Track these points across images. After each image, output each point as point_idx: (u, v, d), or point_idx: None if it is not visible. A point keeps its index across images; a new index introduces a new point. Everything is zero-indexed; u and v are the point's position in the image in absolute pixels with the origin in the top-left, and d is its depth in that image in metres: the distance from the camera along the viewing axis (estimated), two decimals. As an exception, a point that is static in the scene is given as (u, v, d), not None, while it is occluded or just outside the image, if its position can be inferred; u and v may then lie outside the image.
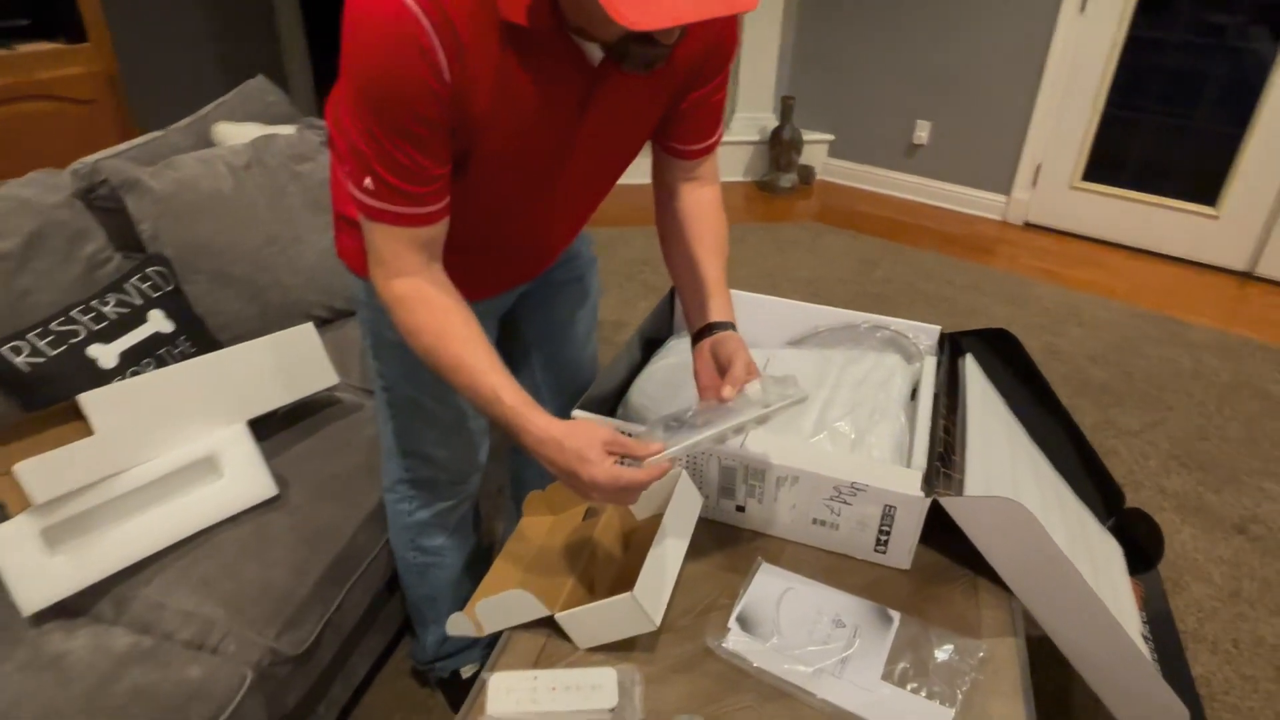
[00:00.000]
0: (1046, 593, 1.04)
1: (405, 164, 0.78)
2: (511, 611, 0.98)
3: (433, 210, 0.83)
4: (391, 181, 0.79)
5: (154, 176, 1.56)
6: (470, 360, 0.84)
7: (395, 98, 0.74)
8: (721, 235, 1.06)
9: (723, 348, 0.97)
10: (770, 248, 3.39)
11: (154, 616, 1.10)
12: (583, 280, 1.27)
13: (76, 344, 1.20)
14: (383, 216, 0.82)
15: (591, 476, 0.80)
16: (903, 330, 1.44)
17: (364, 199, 0.81)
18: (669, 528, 1.00)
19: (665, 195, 1.07)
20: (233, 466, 1.21)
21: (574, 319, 1.29)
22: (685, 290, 1.05)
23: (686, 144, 1.03)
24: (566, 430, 0.82)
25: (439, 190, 0.83)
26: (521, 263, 1.10)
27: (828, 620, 1.00)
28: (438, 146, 0.80)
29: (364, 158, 0.78)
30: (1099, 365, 2.60)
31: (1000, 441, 1.28)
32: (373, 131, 0.76)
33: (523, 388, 0.85)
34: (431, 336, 0.85)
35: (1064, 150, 3.48)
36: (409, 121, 0.76)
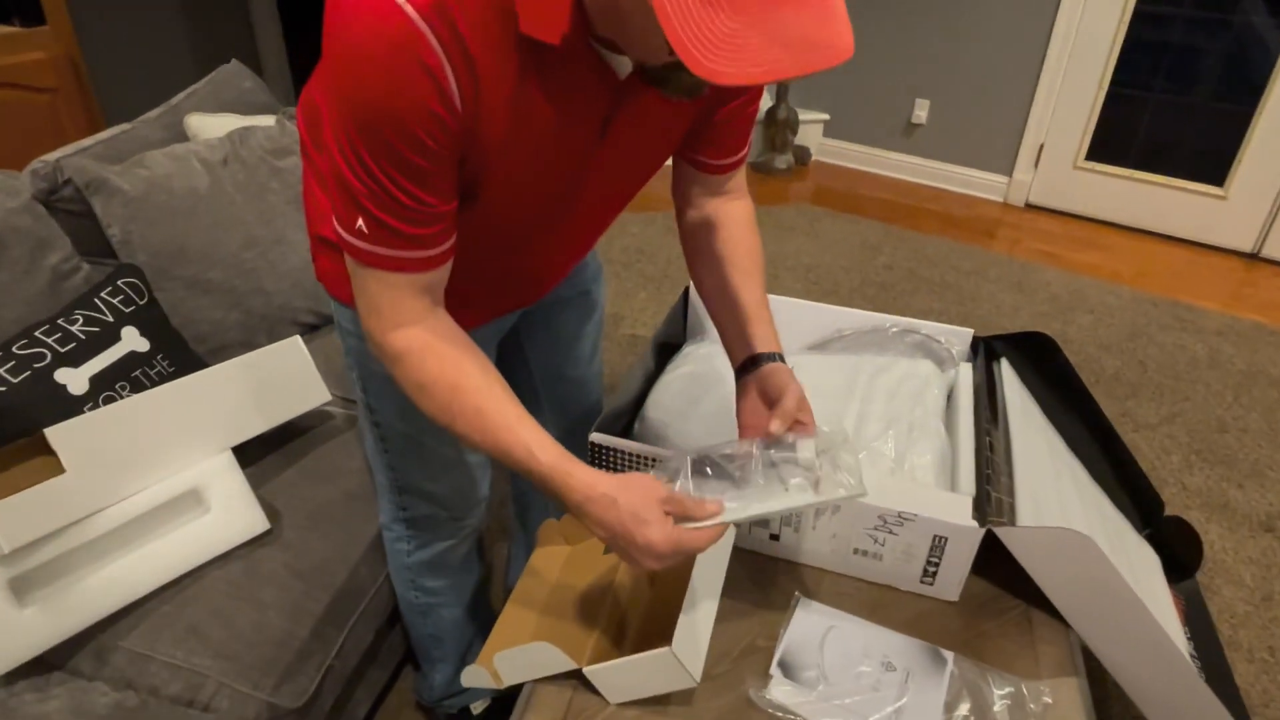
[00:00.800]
0: (1108, 626, 0.97)
1: (405, 203, 0.67)
2: (534, 664, 0.89)
3: (437, 253, 0.72)
4: (388, 222, 0.68)
5: (122, 175, 1.43)
6: (494, 414, 0.74)
7: (394, 127, 0.62)
8: (757, 254, 0.96)
9: (771, 381, 0.87)
10: (767, 233, 3.30)
11: (138, 670, 1.00)
12: (589, 294, 1.17)
13: (41, 369, 1.09)
14: (378, 262, 0.70)
15: (648, 540, 0.70)
16: (934, 334, 1.36)
17: (354, 242, 0.69)
18: (702, 565, 0.92)
19: (691, 212, 0.97)
20: (219, 500, 1.11)
21: (579, 335, 1.19)
22: (722, 319, 0.95)
23: (716, 158, 0.93)
24: (618, 485, 0.72)
25: (444, 230, 0.72)
26: (526, 287, 1.00)
27: (876, 663, 0.92)
28: (444, 181, 0.68)
29: (353, 193, 0.66)
30: (1111, 354, 2.54)
31: (1043, 456, 1.21)
32: (365, 163, 0.64)
33: (525, 409, 0.75)
34: (446, 392, 0.74)
35: (1067, 129, 3.40)
36: (410, 153, 0.64)
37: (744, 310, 0.91)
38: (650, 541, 0.70)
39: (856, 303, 2.80)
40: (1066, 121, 3.39)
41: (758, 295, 0.93)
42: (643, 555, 0.72)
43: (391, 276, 0.71)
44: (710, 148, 0.91)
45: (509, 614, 0.97)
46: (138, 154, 1.51)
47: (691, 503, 0.74)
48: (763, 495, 0.80)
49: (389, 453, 1.03)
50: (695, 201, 0.96)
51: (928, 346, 1.36)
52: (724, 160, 0.92)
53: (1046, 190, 3.55)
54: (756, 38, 0.51)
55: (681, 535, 0.72)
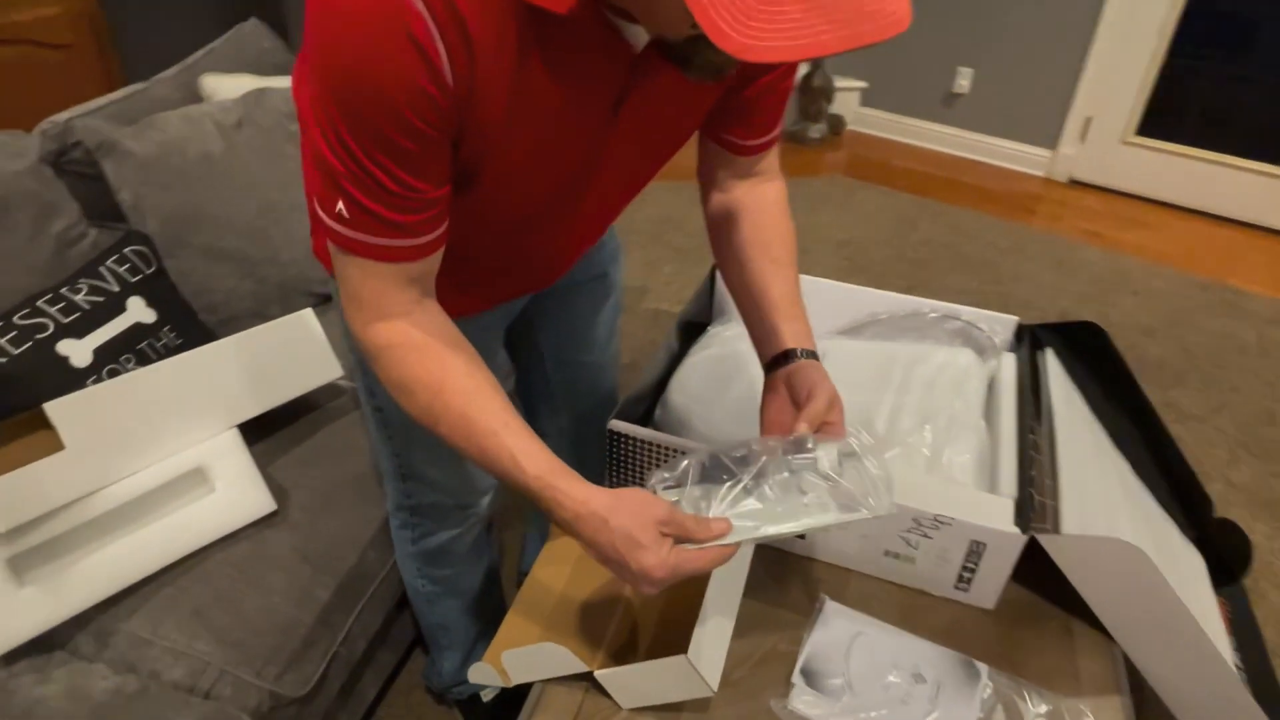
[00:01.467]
0: (1156, 641, 0.91)
1: (390, 187, 0.60)
2: (543, 664, 0.85)
3: (426, 241, 0.66)
4: (371, 207, 0.61)
5: (134, 138, 1.39)
6: (480, 419, 0.67)
7: (378, 105, 0.55)
8: (790, 242, 0.88)
9: (801, 378, 0.80)
10: (799, 205, 3.20)
11: (139, 654, 0.98)
12: (606, 276, 1.10)
13: (44, 340, 1.05)
14: (360, 250, 0.64)
15: (642, 566, 0.64)
16: (975, 320, 1.28)
17: (335, 226, 0.63)
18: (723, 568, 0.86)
19: (717, 194, 0.89)
20: (225, 479, 1.08)
21: (594, 320, 1.13)
22: (750, 311, 0.88)
23: (746, 138, 0.85)
24: (611, 505, 0.65)
25: (435, 217, 0.65)
26: (536, 273, 0.93)
27: (905, 673, 0.87)
28: (434, 164, 0.61)
29: (333, 175, 0.60)
30: (1154, 339, 2.43)
31: (1089, 455, 1.14)
32: (345, 144, 0.57)
33: (516, 414, 0.69)
34: (428, 393, 0.67)
35: (1118, 102, 3.24)
36: (396, 135, 0.57)
37: (774, 303, 0.84)
38: (644, 567, 0.64)
39: (890, 279, 2.71)
40: (1117, 93, 3.23)
41: (789, 287, 0.85)
42: (637, 580, 0.66)
43: (375, 265, 0.65)
44: (739, 127, 0.84)
45: (519, 609, 0.93)
46: (151, 115, 1.46)
47: (693, 523, 0.68)
48: (776, 512, 0.73)
49: (392, 439, 0.98)
50: (722, 184, 0.88)
51: (968, 334, 1.29)
52: (754, 140, 0.85)
53: (1092, 165, 3.41)
54: (796, 6, 0.43)
55: (680, 559, 0.65)
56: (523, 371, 1.17)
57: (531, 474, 0.66)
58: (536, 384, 1.16)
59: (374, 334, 0.68)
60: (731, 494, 0.74)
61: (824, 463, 0.74)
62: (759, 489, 0.74)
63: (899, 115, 3.84)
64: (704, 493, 0.74)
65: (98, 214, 1.40)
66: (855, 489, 0.75)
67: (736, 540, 0.70)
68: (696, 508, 0.73)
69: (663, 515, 0.66)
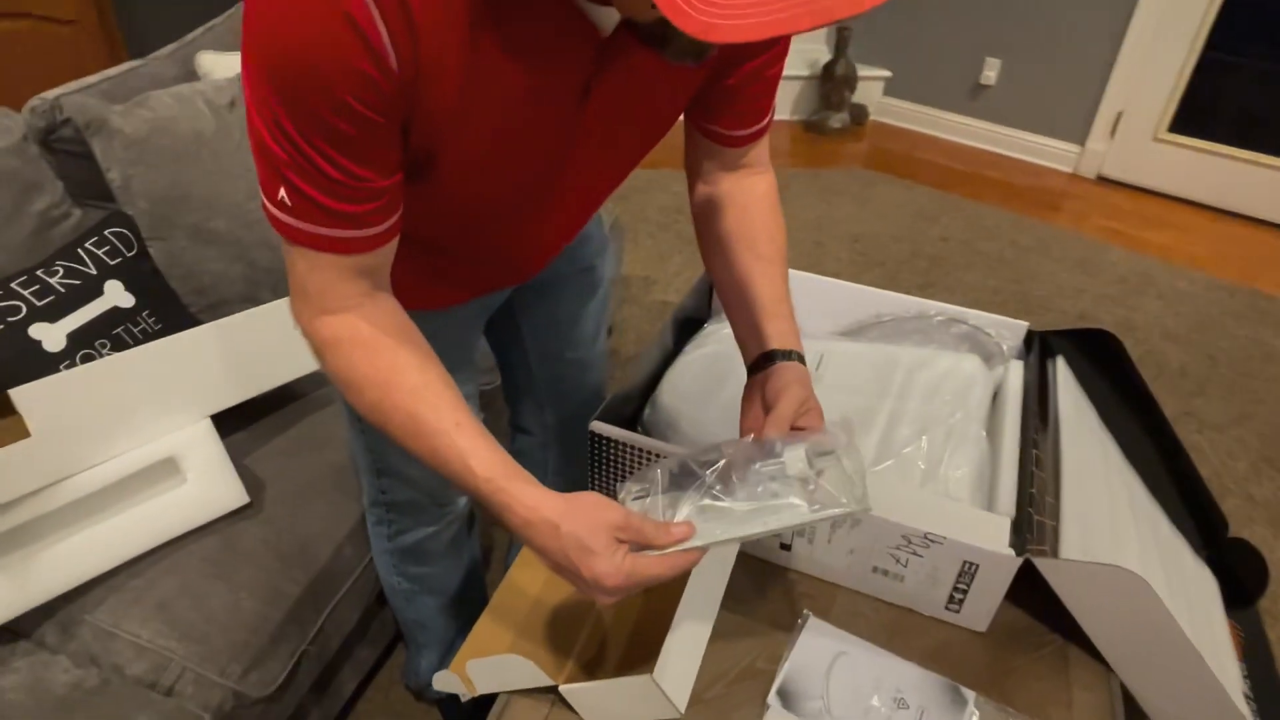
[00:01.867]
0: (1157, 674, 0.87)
1: (334, 175, 0.56)
2: (508, 676, 0.82)
3: (375, 233, 0.62)
4: (314, 196, 0.57)
5: (124, 116, 1.36)
6: (428, 418, 0.63)
7: (315, 88, 0.52)
8: (779, 237, 0.84)
9: (774, 381, 0.75)
10: (815, 197, 3.13)
11: (103, 647, 0.96)
12: (592, 270, 1.06)
13: (16, 323, 1.03)
14: (304, 240, 0.60)
15: (594, 574, 0.61)
16: (983, 325, 1.22)
17: (277, 214, 0.59)
18: (701, 576, 0.83)
19: (703, 186, 0.85)
20: (197, 470, 1.05)
21: (580, 315, 1.08)
22: (734, 310, 0.83)
23: (732, 128, 0.80)
24: (563, 510, 0.62)
25: (383, 208, 0.61)
26: (513, 266, 0.89)
27: (888, 697, 0.83)
28: (379, 151, 0.57)
29: (275, 162, 0.56)
30: (1178, 345, 2.35)
31: (1097, 472, 1.08)
32: (284, 129, 0.54)
33: (470, 415, 0.65)
34: (375, 391, 0.64)
35: (1151, 97, 3.13)
36: (336, 120, 0.53)
37: (759, 302, 0.80)
38: (597, 575, 0.61)
39: (904, 276, 2.64)
40: (1150, 88, 3.12)
41: (776, 285, 0.81)
42: (590, 590, 0.63)
43: (320, 256, 0.61)
44: (725, 116, 0.79)
45: (490, 615, 0.89)
46: (143, 93, 1.44)
47: (651, 528, 0.64)
48: (742, 514, 0.69)
49: (366, 433, 0.95)
50: (708, 176, 0.84)
51: (975, 339, 1.23)
52: (740, 131, 0.80)
53: (1121, 162, 3.30)
54: None
55: (635, 566, 0.62)
56: (507, 368, 1.13)
57: (481, 476, 0.62)
58: (521, 381, 1.13)
59: (320, 328, 0.64)
60: (698, 498, 0.70)
61: (792, 468, 0.70)
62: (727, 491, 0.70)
63: (923, 106, 3.75)
64: (671, 500, 0.70)
65: (89, 193, 1.38)
66: (829, 486, 0.70)
67: (700, 545, 0.66)
68: (664, 516, 0.69)
69: (618, 520, 0.62)
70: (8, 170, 1.18)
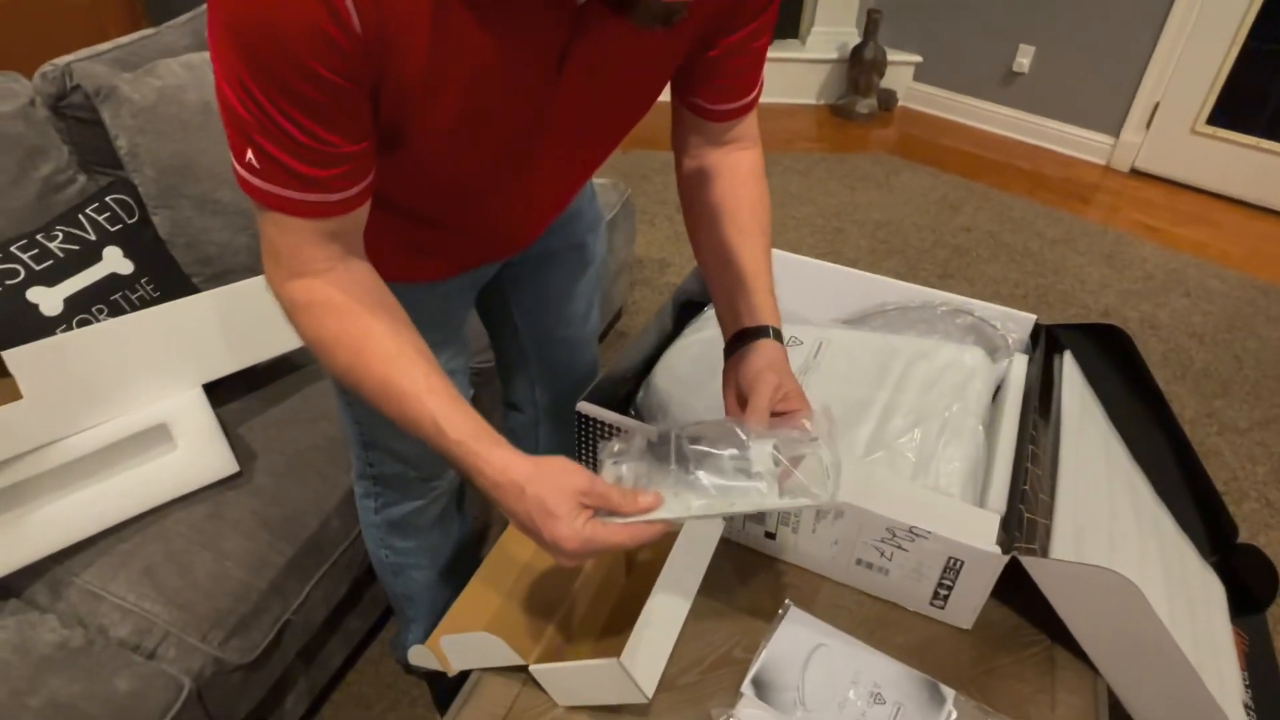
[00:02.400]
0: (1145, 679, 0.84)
1: (300, 139, 0.55)
2: (480, 653, 0.82)
3: (343, 198, 0.61)
4: (280, 159, 0.56)
5: (133, 84, 1.36)
6: (400, 381, 0.63)
7: (278, 51, 0.51)
8: (761, 210, 0.82)
9: (745, 367, 0.74)
10: (839, 182, 3.08)
11: (89, 608, 0.97)
12: (583, 247, 1.04)
13: (14, 286, 1.04)
14: (272, 202, 0.59)
15: (554, 536, 0.61)
16: (989, 317, 1.19)
17: (245, 176, 0.58)
18: (678, 560, 0.82)
19: (688, 161, 0.83)
20: (188, 438, 1.06)
21: (571, 293, 1.07)
22: (715, 285, 0.82)
23: (716, 102, 0.78)
24: (529, 473, 0.62)
25: (352, 172, 0.60)
26: (498, 240, 0.87)
27: (865, 692, 0.82)
28: (347, 117, 0.56)
29: (242, 125, 0.55)
30: (1204, 345, 2.29)
31: (1099, 469, 1.05)
32: (250, 91, 0.53)
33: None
34: (348, 354, 0.64)
35: (1189, 88, 3.03)
36: (301, 84, 0.52)
37: (738, 275, 0.78)
38: (556, 537, 0.61)
39: (925, 265, 2.59)
40: (1189, 79, 3.02)
41: (757, 258, 0.79)
42: (552, 551, 0.63)
43: (289, 220, 0.60)
44: (709, 90, 0.76)
45: (469, 594, 0.89)
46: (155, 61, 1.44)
47: (618, 495, 0.63)
48: (711, 494, 0.68)
49: (352, 405, 0.95)
50: (694, 151, 0.82)
51: (980, 330, 1.20)
52: (725, 105, 0.78)
53: (1156, 155, 3.21)
54: None
55: (594, 532, 0.61)
56: (498, 345, 1.13)
57: (453, 439, 0.62)
58: (513, 358, 1.12)
59: (291, 291, 0.63)
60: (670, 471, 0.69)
61: (758, 464, 0.68)
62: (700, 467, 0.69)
63: (954, 93, 3.67)
64: (646, 469, 0.69)
65: (99, 160, 1.39)
66: (802, 476, 0.69)
67: (664, 518, 0.66)
68: (635, 484, 0.68)
69: (583, 485, 0.62)
70: (12, 134, 1.19)
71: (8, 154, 1.17)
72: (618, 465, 0.70)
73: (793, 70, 3.72)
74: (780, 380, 0.72)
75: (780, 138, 3.43)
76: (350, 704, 1.31)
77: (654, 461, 0.70)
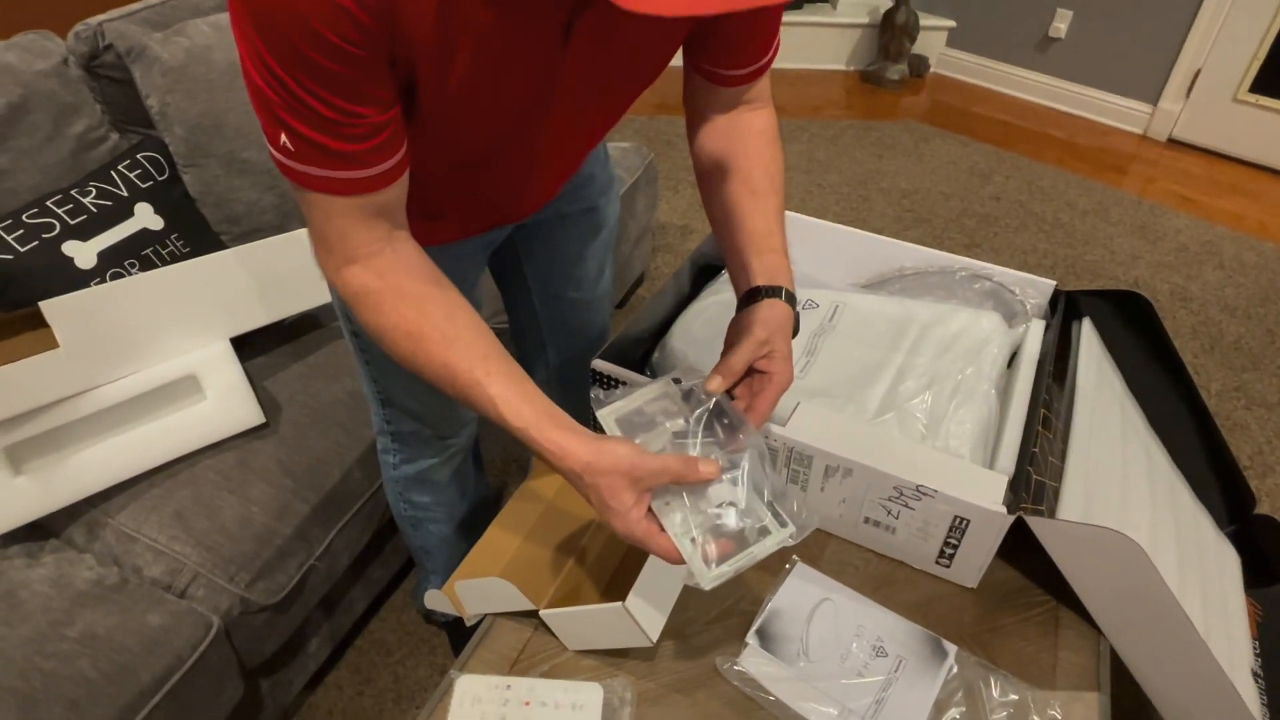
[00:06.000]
0: (1148, 640, 0.85)
1: (328, 115, 0.56)
2: (493, 598, 0.85)
3: (381, 171, 0.61)
4: (313, 138, 0.57)
5: (163, 44, 1.38)
6: (460, 366, 0.64)
7: (296, 26, 0.51)
8: (773, 170, 0.81)
9: (742, 320, 0.74)
10: (867, 150, 3.04)
11: (124, 549, 1.01)
12: (596, 210, 1.04)
13: (50, 240, 1.07)
14: (313, 183, 0.60)
15: (613, 527, 0.64)
16: (1008, 283, 1.19)
17: (284, 161, 0.59)
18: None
19: (700, 123, 0.83)
20: (216, 389, 1.09)
21: (583, 256, 1.07)
22: (727, 246, 0.82)
23: (727, 67, 0.77)
24: (586, 461, 0.63)
25: (386, 142, 0.60)
26: (509, 203, 0.88)
27: (867, 645, 0.83)
28: (373, 87, 0.57)
29: (270, 106, 0.55)
30: (1236, 318, 2.25)
31: (1113, 436, 1.05)
32: (273, 71, 0.53)
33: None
34: (409, 341, 0.65)
35: (1232, 54, 2.94)
36: (322, 58, 0.53)
37: (750, 236, 0.78)
38: (614, 529, 0.65)
39: (951, 234, 2.57)
40: (1232, 44, 2.93)
41: (769, 219, 0.79)
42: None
43: (332, 201, 0.61)
44: (722, 55, 0.76)
45: (485, 542, 0.92)
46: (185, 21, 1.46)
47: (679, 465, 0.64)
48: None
49: (370, 364, 0.97)
50: (705, 113, 0.82)
51: (999, 296, 1.20)
52: (737, 70, 0.77)
53: (1195, 124, 3.13)
54: None
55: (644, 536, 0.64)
56: (511, 306, 1.14)
57: (515, 425, 0.64)
58: (525, 320, 1.13)
59: (347, 279, 0.65)
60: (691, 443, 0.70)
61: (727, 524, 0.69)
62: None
63: (987, 59, 3.59)
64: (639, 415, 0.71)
65: (131, 119, 1.41)
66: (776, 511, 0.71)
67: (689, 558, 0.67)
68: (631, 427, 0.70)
69: (636, 473, 0.63)
70: (46, 92, 1.21)
71: (42, 111, 1.20)
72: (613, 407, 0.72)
73: (822, 35, 3.65)
74: (768, 337, 0.73)
75: (808, 105, 3.38)
76: (372, 649, 1.36)
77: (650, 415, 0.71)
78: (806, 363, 1.06)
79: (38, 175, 1.17)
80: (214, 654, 0.96)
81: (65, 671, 0.87)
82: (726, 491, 0.69)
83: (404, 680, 1.33)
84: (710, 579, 0.67)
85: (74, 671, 0.87)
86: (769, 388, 0.73)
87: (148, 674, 0.90)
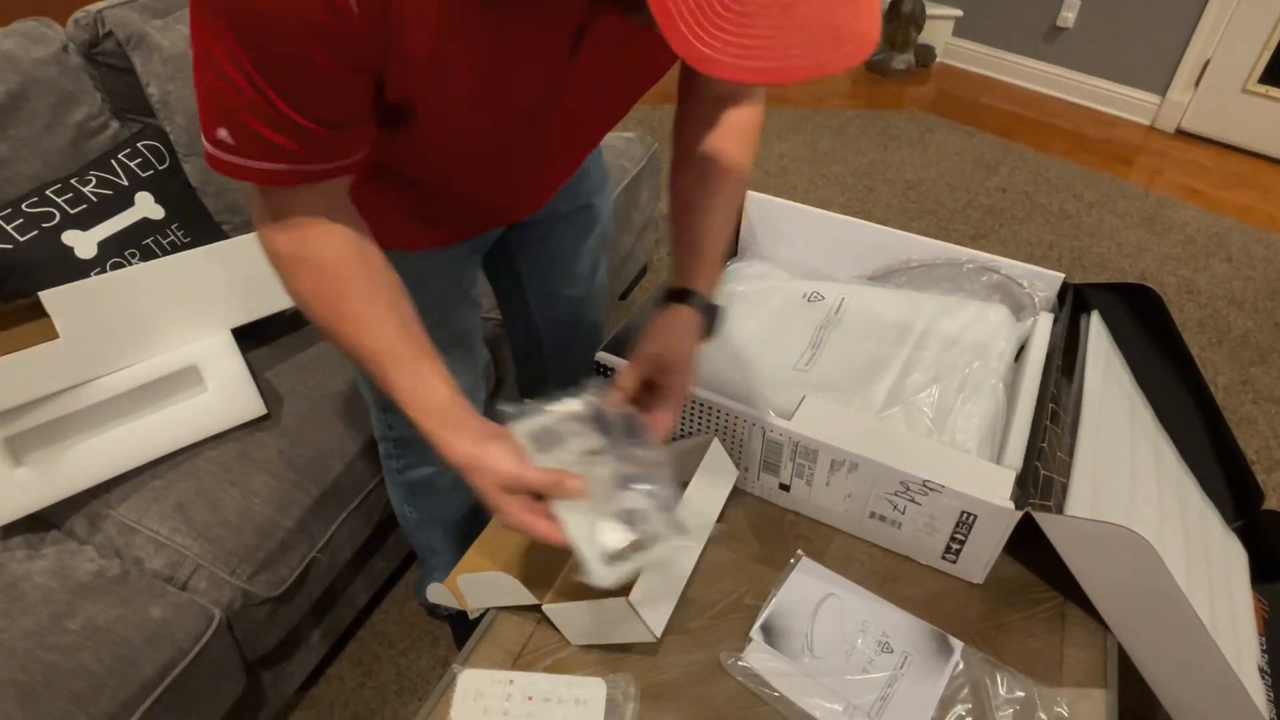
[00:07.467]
0: (1156, 638, 0.84)
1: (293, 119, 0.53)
2: (496, 592, 0.84)
3: (341, 164, 0.59)
4: (271, 138, 0.54)
5: (163, 31, 1.37)
6: (370, 347, 0.64)
7: (271, 31, 0.49)
8: (737, 169, 0.80)
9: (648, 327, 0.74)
10: (871, 140, 3.02)
11: (125, 541, 1.01)
12: (590, 208, 1.04)
13: (50, 229, 1.06)
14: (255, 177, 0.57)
15: (507, 525, 0.65)
16: (1016, 276, 1.17)
17: (218, 154, 0.55)
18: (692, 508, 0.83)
19: (684, 108, 0.82)
20: (217, 380, 1.08)
21: (578, 252, 1.06)
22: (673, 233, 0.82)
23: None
24: (468, 465, 0.64)
25: (352, 143, 0.59)
26: (503, 207, 0.87)
27: (872, 641, 0.83)
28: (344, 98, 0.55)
29: (222, 100, 0.53)
30: (1244, 312, 2.23)
31: (1121, 430, 1.04)
32: (241, 65, 0.50)
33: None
34: (326, 312, 0.63)
35: (1241, 44, 2.91)
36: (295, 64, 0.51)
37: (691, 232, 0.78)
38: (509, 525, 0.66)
39: (956, 226, 2.55)
40: (1242, 34, 2.90)
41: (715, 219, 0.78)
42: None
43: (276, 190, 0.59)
44: None
45: (488, 536, 0.91)
46: (183, 9, 1.45)
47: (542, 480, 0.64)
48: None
49: None
50: (690, 99, 0.81)
51: (1006, 288, 1.19)
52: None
53: (1204, 115, 3.10)
54: (765, 20, 0.38)
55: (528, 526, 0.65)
56: (505, 303, 1.13)
57: (411, 414, 0.65)
58: (519, 316, 1.12)
59: (274, 239, 0.61)
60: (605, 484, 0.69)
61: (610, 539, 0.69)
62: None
63: (994, 49, 3.56)
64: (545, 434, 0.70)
65: (132, 107, 1.40)
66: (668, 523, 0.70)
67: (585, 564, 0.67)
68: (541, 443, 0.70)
69: (505, 479, 0.64)
70: (46, 79, 1.20)
71: (42, 99, 1.19)
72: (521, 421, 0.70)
73: (828, 24, 3.63)
74: (660, 351, 0.73)
75: (813, 95, 3.36)
76: (373, 641, 1.36)
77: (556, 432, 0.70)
78: (812, 356, 1.05)
79: (37, 164, 1.16)
80: (215, 646, 0.96)
81: (67, 664, 0.87)
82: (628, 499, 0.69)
83: (406, 672, 1.32)
84: (602, 576, 0.68)
85: (75, 664, 0.87)
86: (668, 400, 0.74)
87: (149, 666, 0.89)
